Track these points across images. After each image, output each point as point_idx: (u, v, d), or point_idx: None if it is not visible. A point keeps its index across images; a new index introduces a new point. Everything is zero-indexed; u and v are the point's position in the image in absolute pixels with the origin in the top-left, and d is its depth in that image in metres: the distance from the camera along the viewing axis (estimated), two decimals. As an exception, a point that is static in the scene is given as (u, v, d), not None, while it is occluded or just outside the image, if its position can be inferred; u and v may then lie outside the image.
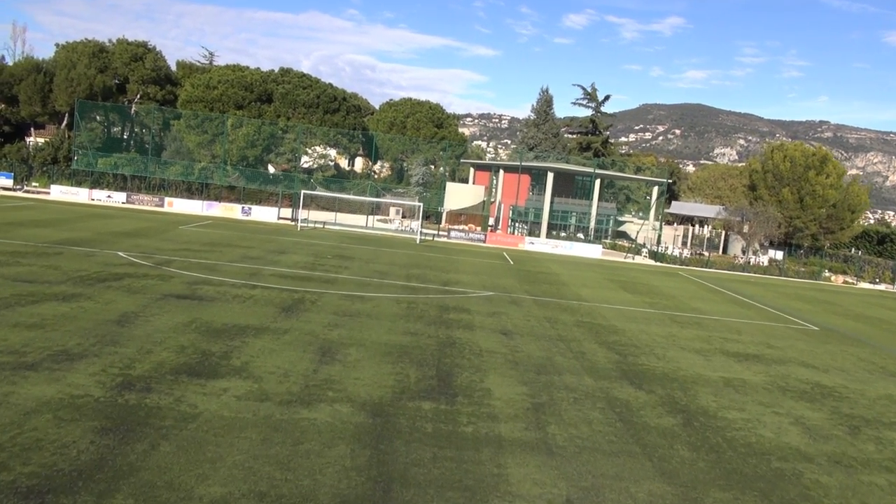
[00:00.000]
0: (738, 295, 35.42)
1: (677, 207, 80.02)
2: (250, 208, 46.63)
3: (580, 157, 79.61)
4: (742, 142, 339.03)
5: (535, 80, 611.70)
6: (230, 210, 46.43)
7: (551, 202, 56.43)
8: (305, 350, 15.44)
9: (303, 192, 43.50)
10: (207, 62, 79.59)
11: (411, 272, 29.78)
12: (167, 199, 46.50)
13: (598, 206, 58.84)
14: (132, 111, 63.65)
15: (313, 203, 56.98)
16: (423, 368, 15.03)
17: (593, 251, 47.19)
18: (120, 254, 25.95)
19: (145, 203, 46.36)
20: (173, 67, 71.49)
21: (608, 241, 57.45)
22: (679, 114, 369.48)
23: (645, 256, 48.64)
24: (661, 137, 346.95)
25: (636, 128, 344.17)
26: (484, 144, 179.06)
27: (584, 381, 15.56)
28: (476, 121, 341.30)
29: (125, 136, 64.67)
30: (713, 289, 36.95)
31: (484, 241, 47.20)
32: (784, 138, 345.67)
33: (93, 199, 46.32)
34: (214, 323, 16.95)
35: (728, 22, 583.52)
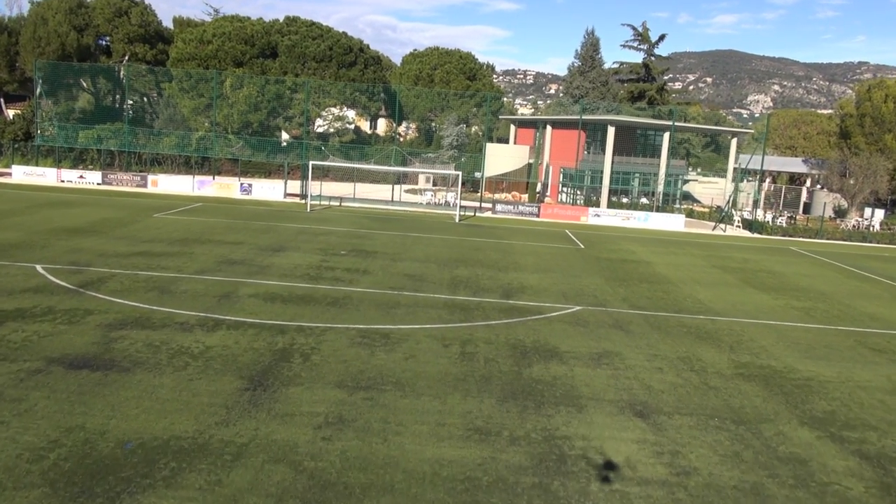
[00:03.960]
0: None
1: (746, 161, 69.60)
2: (250, 185, 38.33)
3: (632, 108, 69.64)
4: (777, 87, 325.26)
5: (559, 33, 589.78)
6: (226, 188, 38.22)
7: (611, 162, 47.14)
8: (266, 530, 7.16)
9: (311, 163, 35.05)
10: (211, 19, 70.69)
11: (456, 274, 21.30)
12: (151, 178, 38.39)
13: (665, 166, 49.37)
14: (120, 74, 55.40)
15: (330, 174, 48.67)
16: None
17: (674, 222, 38.04)
18: (37, 268, 17.90)
19: (124, 183, 38.37)
20: (170, 26, 62.87)
21: (681, 206, 48.12)
22: (710, 61, 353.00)
23: (737, 226, 39.37)
24: (691, 86, 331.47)
25: (665, 77, 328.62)
26: (512, 101, 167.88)
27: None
28: (500, 77, 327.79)
29: (115, 105, 56.55)
30: (856, 274, 27.77)
31: (538, 216, 38.36)
32: (821, 81, 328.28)
33: (62, 181, 38.51)
34: (103, 440, 8.77)
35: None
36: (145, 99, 57.16)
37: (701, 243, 33.52)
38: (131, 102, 61.59)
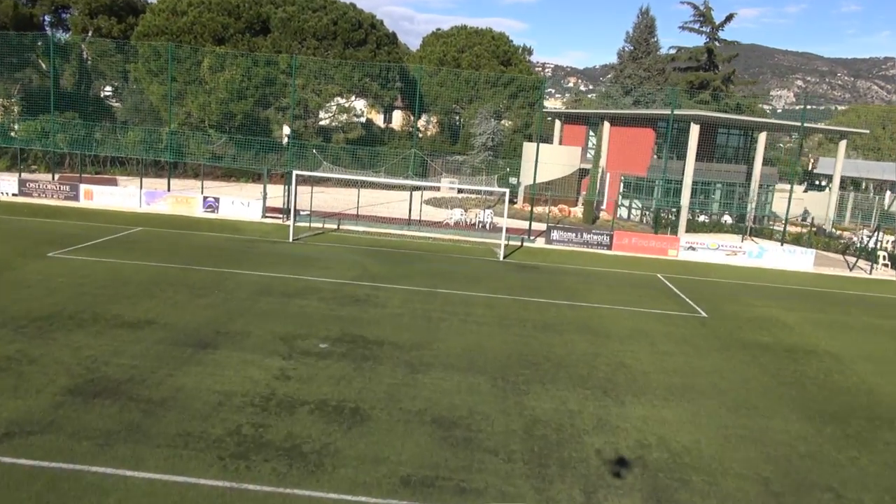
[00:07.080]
0: None
1: (828, 166, 58.54)
2: (216, 200, 28.28)
3: (691, 101, 58.86)
4: (800, 83, 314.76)
5: (576, 26, 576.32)
6: (184, 204, 28.21)
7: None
8: None
9: (296, 173, 24.96)
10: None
11: (530, 409, 11.11)
12: (83, 188, 28.40)
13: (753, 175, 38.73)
14: (84, 53, 45.64)
15: (330, 178, 38.51)
16: None
17: (799, 260, 27.45)
18: None
19: (48, 195, 28.50)
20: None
21: (772, 225, 37.49)
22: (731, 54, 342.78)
23: (885, 264, 28.71)
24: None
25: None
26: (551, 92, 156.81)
27: None
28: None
29: (76, 90, 46.77)
30: None
31: (609, 247, 27.94)
32: (846, 77, 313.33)
33: (-34, 191, 28.79)
34: None
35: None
36: (99, 81, 47.45)
37: (857, 297, 22.99)
38: (110, 90, 52.00)
